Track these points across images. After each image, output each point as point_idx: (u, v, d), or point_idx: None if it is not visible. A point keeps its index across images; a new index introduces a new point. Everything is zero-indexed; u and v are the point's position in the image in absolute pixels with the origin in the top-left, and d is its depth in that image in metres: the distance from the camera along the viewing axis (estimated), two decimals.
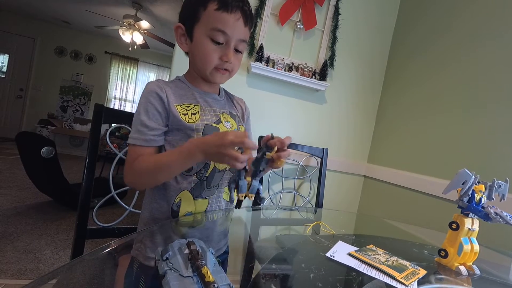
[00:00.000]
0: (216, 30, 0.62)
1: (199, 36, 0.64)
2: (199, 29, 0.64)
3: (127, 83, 6.06)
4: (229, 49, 0.64)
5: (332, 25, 1.54)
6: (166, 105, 0.63)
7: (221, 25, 0.61)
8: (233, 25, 0.62)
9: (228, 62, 0.65)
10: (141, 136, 0.61)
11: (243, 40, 0.66)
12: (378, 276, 0.46)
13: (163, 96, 0.63)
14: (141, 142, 0.61)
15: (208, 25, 0.62)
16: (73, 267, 0.42)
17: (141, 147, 0.62)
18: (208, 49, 0.63)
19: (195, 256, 0.32)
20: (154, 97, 0.63)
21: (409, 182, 1.38)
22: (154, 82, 0.65)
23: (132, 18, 3.92)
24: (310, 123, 1.60)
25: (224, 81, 0.70)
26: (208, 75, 0.67)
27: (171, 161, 0.57)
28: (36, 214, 2.22)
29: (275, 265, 0.52)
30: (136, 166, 0.60)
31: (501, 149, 1.02)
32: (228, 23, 0.61)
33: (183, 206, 0.65)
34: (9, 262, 1.52)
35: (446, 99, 1.29)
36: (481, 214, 0.52)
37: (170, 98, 0.64)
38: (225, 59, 0.64)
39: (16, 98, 5.38)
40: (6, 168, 3.38)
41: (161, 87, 0.64)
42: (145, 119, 0.62)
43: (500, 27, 1.11)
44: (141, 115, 0.62)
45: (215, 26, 0.61)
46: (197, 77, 0.70)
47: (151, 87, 0.64)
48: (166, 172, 0.59)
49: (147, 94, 0.63)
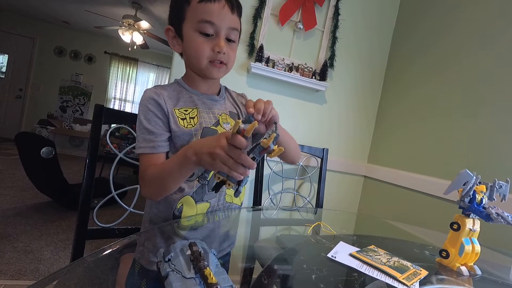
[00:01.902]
0: (203, 22, 0.60)
1: (188, 32, 0.63)
2: (187, 26, 0.63)
3: (126, 83, 6.06)
4: (219, 39, 0.62)
5: (332, 25, 1.54)
6: (165, 111, 0.63)
7: (207, 15, 0.60)
8: (219, 13, 0.61)
9: (221, 52, 0.62)
10: (148, 144, 0.61)
11: (233, 28, 0.64)
12: (380, 277, 0.46)
13: (161, 102, 0.63)
14: (150, 150, 0.61)
15: (194, 19, 0.61)
16: (75, 268, 0.42)
17: (151, 155, 0.61)
18: (198, 42, 0.62)
19: (197, 257, 0.32)
20: (153, 104, 0.62)
21: (409, 182, 1.38)
22: (151, 89, 0.64)
23: (132, 18, 3.92)
24: (310, 123, 1.60)
25: (221, 75, 0.68)
26: (204, 70, 0.65)
27: (170, 166, 0.56)
28: (35, 214, 2.22)
29: (277, 265, 0.52)
30: (146, 177, 0.60)
31: (502, 150, 1.02)
32: (213, 13, 0.60)
33: (185, 211, 0.64)
34: (8, 263, 1.52)
35: (447, 98, 1.29)
36: (482, 215, 0.52)
37: (168, 102, 0.63)
38: (217, 49, 0.62)
39: (15, 98, 5.38)
40: (5, 168, 3.37)
41: (158, 93, 0.63)
42: (149, 126, 0.61)
43: (501, 28, 1.11)
44: (144, 123, 0.62)
45: (201, 17, 0.60)
46: (195, 77, 0.69)
47: (148, 94, 0.63)
48: (171, 179, 0.57)
49: (145, 102, 0.62)
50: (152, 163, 0.61)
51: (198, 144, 0.52)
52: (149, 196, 0.64)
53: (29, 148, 2.14)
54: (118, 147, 3.46)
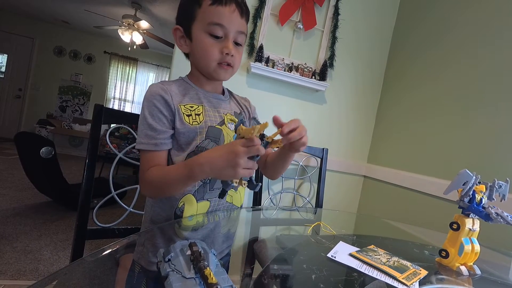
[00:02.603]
0: (213, 24, 0.62)
1: (198, 33, 0.64)
2: (196, 27, 0.64)
3: (126, 83, 6.05)
4: (228, 41, 0.64)
5: (331, 25, 1.54)
6: (172, 107, 0.62)
7: (217, 18, 0.62)
8: (229, 17, 0.62)
9: (229, 54, 0.64)
10: (150, 140, 0.61)
11: (241, 32, 0.66)
12: (380, 277, 0.46)
13: (168, 98, 0.62)
14: (151, 147, 0.61)
15: (205, 21, 0.62)
16: (74, 269, 0.41)
17: (152, 152, 0.61)
18: (207, 44, 0.63)
19: (197, 257, 0.32)
20: (158, 100, 0.62)
21: (409, 182, 1.38)
22: (157, 85, 0.64)
23: (132, 18, 3.92)
24: (310, 123, 1.60)
25: (228, 77, 0.69)
26: (212, 72, 0.66)
27: (177, 177, 0.56)
28: (35, 214, 2.22)
29: (277, 265, 0.52)
30: (147, 177, 0.59)
31: (502, 150, 1.02)
32: (224, 16, 0.62)
33: (186, 209, 0.64)
34: (8, 263, 1.51)
35: (446, 98, 1.29)
36: (482, 215, 0.52)
37: (175, 98, 0.63)
38: (225, 51, 0.63)
39: (14, 98, 5.37)
40: (4, 168, 3.37)
41: (165, 89, 0.63)
42: (152, 122, 0.61)
43: (501, 28, 1.11)
44: (147, 119, 0.61)
45: (212, 20, 0.62)
46: (200, 76, 0.70)
47: (154, 90, 0.63)
48: (174, 186, 0.58)
49: (151, 97, 0.62)
50: (154, 162, 0.61)
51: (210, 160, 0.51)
52: (148, 195, 0.64)
53: (29, 148, 2.14)
54: (117, 147, 3.46)
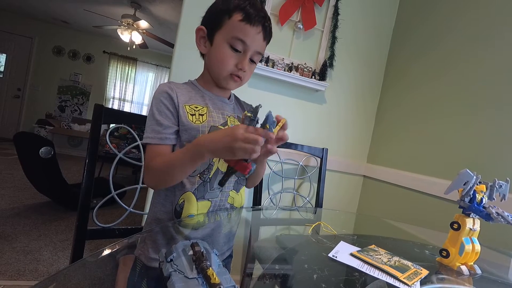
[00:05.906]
0: (237, 38, 0.65)
1: (220, 41, 0.67)
2: (220, 35, 0.67)
3: (125, 83, 6.04)
4: (245, 58, 0.67)
5: (331, 25, 1.54)
6: (176, 105, 0.66)
7: (242, 35, 0.65)
8: (253, 37, 0.66)
9: (243, 70, 0.67)
10: (156, 135, 0.64)
11: (259, 52, 0.69)
12: (381, 276, 0.46)
13: (173, 96, 0.66)
14: (157, 141, 0.64)
15: (230, 33, 0.65)
16: (74, 269, 0.41)
17: (157, 146, 0.64)
18: (226, 54, 0.67)
19: (200, 257, 0.32)
20: (165, 97, 0.66)
21: (408, 182, 1.38)
22: (165, 84, 0.69)
23: (131, 18, 3.91)
24: (309, 123, 1.60)
25: (235, 88, 0.74)
26: (222, 80, 0.70)
27: (180, 160, 0.58)
28: (34, 214, 2.21)
29: (278, 265, 0.52)
30: (152, 166, 0.62)
31: (502, 150, 1.03)
32: (249, 34, 0.65)
33: (186, 207, 0.65)
34: (7, 263, 1.51)
35: (446, 98, 1.29)
36: (482, 214, 0.52)
37: (180, 98, 0.67)
38: (240, 66, 0.67)
39: (13, 97, 5.35)
40: (4, 168, 3.36)
41: (171, 87, 0.67)
42: (160, 118, 0.64)
43: (501, 29, 1.11)
44: (155, 115, 0.65)
45: (237, 35, 0.65)
46: (210, 80, 0.73)
47: (162, 88, 0.67)
48: (178, 171, 0.60)
49: (159, 95, 0.66)
50: (158, 153, 0.63)
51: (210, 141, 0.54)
52: (152, 185, 0.66)
53: (28, 148, 2.13)
54: (117, 147, 3.45)
